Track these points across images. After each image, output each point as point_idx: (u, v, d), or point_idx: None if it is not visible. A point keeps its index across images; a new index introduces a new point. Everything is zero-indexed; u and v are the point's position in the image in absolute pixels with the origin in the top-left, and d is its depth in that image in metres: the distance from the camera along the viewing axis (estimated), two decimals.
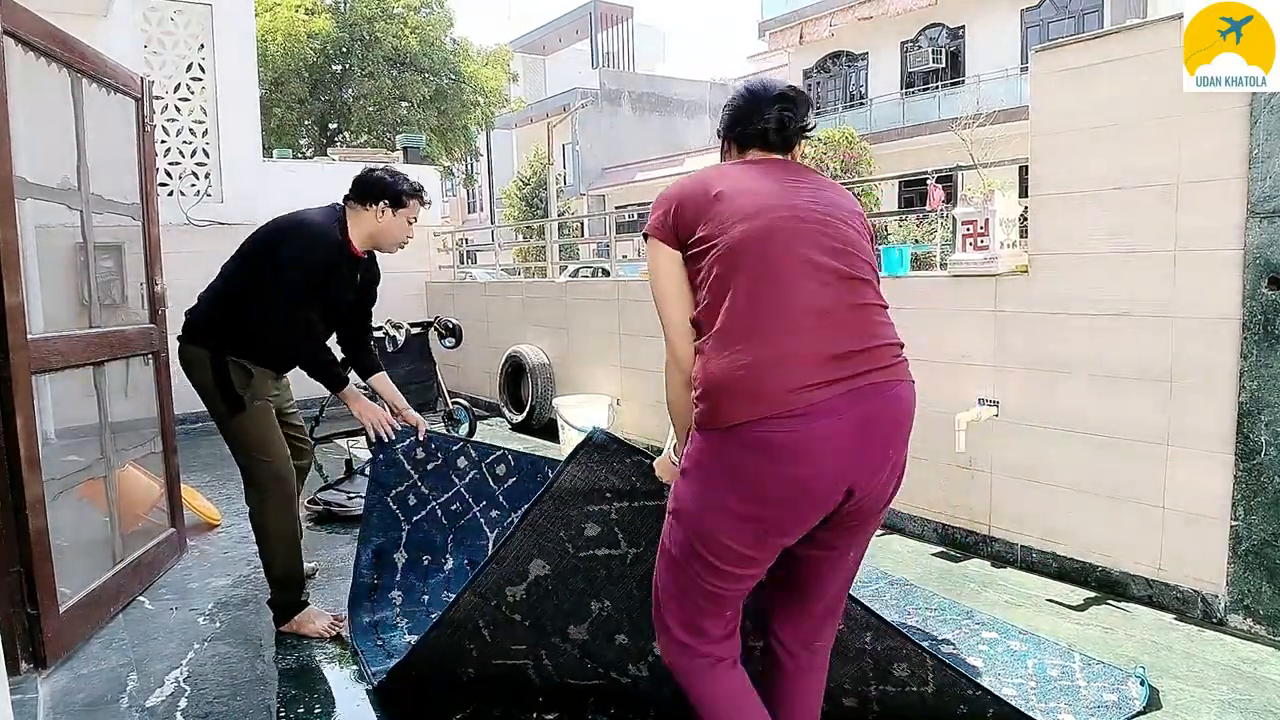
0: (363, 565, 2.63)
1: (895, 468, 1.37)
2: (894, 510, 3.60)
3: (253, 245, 2.60)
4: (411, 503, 2.69)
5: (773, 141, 1.54)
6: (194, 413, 6.38)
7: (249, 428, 2.54)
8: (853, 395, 1.26)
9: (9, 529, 2.36)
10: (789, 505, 1.28)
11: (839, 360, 1.27)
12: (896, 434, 1.35)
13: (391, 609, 2.60)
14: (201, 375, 2.53)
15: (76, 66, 2.78)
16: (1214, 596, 2.59)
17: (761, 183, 1.44)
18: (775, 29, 19.89)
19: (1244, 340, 2.47)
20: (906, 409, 1.36)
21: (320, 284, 2.53)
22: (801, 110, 1.55)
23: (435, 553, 2.71)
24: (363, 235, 2.62)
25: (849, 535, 1.42)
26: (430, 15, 17.06)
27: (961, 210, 3.28)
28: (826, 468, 1.26)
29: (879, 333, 1.35)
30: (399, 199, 2.59)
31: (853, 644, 1.82)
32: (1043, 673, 2.28)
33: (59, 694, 2.33)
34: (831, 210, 1.42)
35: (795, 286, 1.30)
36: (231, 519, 3.97)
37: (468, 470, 2.75)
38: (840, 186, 1.57)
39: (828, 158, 9.99)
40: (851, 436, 1.26)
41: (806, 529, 1.34)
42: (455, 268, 8.06)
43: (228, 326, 2.53)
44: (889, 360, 1.34)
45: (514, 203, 22.81)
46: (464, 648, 2.02)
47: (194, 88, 6.65)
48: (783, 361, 1.26)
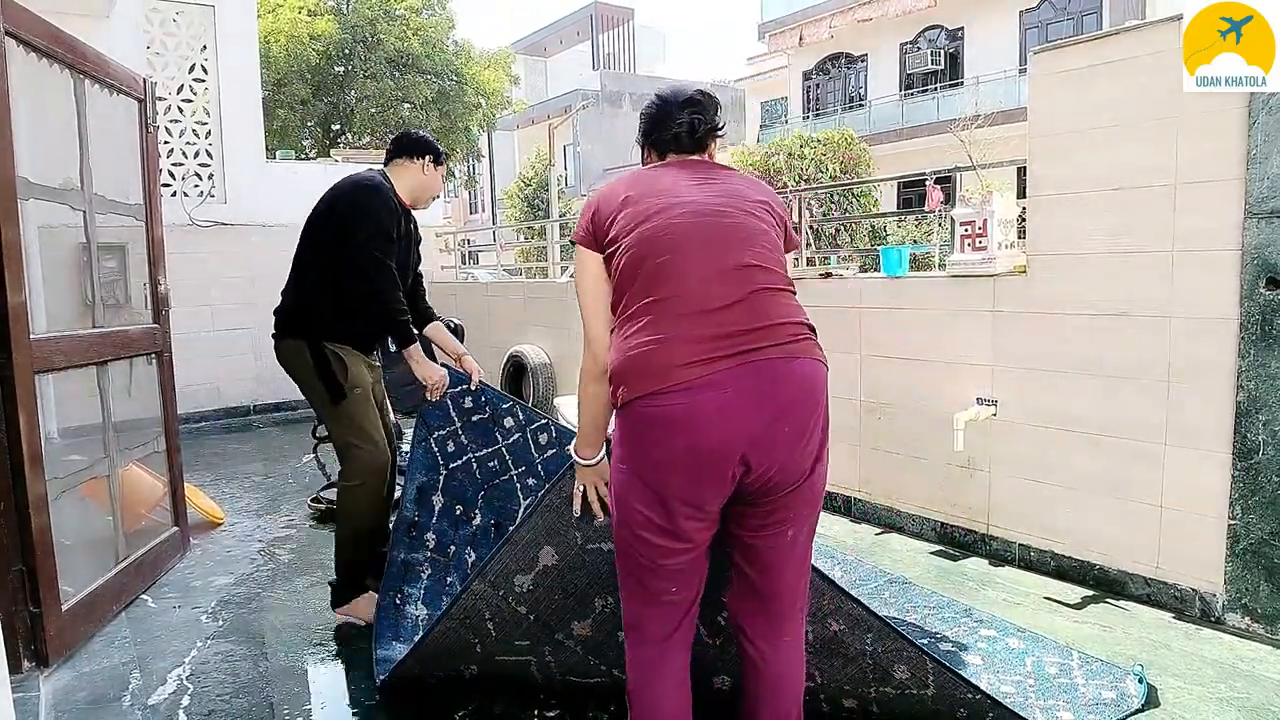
0: (407, 498, 2.64)
1: (795, 441, 1.40)
2: (893, 509, 3.61)
3: (315, 225, 2.65)
4: (450, 449, 2.71)
5: (685, 144, 1.66)
6: (197, 412, 6.53)
7: (350, 414, 2.61)
8: (739, 369, 1.36)
9: (11, 527, 2.37)
10: (682, 471, 1.38)
11: (725, 339, 1.37)
12: (790, 407, 1.39)
13: (424, 550, 2.60)
14: (301, 366, 2.60)
15: (79, 68, 2.80)
16: (1212, 595, 2.60)
17: (666, 183, 1.55)
18: (775, 30, 19.92)
19: (1242, 340, 2.48)
20: (803, 384, 1.41)
21: (398, 232, 2.62)
22: (710, 113, 1.66)
23: (466, 505, 2.72)
24: (407, 188, 2.73)
25: (775, 514, 1.46)
26: (432, 17, 17.07)
27: (960, 211, 3.29)
28: (712, 437, 1.35)
29: (773, 313, 1.43)
30: (440, 155, 2.81)
31: (854, 645, 1.83)
32: (1041, 670, 2.29)
33: (61, 692, 2.34)
34: (733, 201, 1.53)
35: (687, 275, 1.42)
36: (234, 517, 3.99)
37: (513, 431, 2.77)
38: (751, 179, 1.66)
39: (827, 159, 9.99)
40: (736, 408, 1.35)
41: (710, 500, 1.41)
42: (457, 268, 8.09)
43: (317, 311, 2.59)
44: (784, 338, 1.41)
45: (515, 203, 22.83)
46: (469, 642, 2.03)
47: (196, 88, 6.66)
48: (671, 341, 1.38)
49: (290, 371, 2.65)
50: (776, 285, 1.47)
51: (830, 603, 1.78)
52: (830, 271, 4.08)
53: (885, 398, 3.60)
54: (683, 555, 1.47)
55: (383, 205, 2.58)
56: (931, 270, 4.42)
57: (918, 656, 1.81)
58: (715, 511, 1.45)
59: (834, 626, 1.81)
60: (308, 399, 2.67)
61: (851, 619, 1.79)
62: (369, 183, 2.62)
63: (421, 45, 16.46)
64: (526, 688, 2.18)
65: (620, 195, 1.56)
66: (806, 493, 1.46)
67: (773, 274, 1.48)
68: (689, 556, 1.48)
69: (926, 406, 3.41)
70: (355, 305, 2.57)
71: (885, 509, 3.66)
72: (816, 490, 1.49)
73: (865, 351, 3.67)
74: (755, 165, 9.75)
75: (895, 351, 3.54)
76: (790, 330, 1.44)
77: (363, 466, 2.61)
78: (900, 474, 3.58)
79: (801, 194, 5.35)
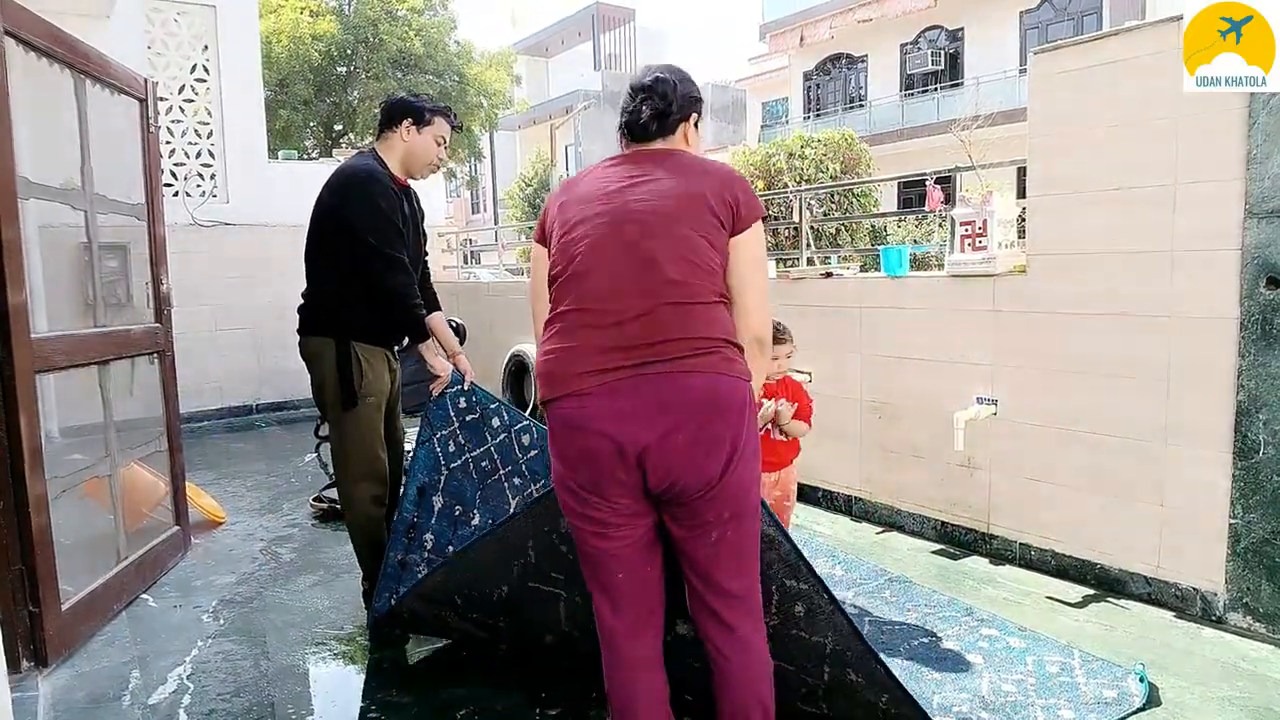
0: (407, 500, 2.65)
1: (691, 451, 1.44)
2: (893, 508, 3.61)
3: (317, 223, 2.59)
4: (451, 449, 2.71)
5: (639, 134, 1.64)
6: (200, 411, 6.54)
7: (355, 425, 2.59)
8: (635, 381, 1.43)
9: (10, 527, 2.37)
10: (584, 466, 1.48)
11: (626, 350, 1.45)
12: (685, 420, 1.43)
13: (421, 552, 2.60)
14: (324, 367, 2.56)
15: (79, 68, 2.80)
16: (1213, 594, 2.60)
17: (593, 189, 1.57)
18: (776, 31, 19.93)
19: (1242, 339, 2.48)
20: (701, 398, 1.45)
21: (398, 214, 2.53)
22: (663, 99, 1.62)
23: (465, 505, 2.73)
24: (396, 161, 2.62)
25: (694, 516, 1.50)
26: (434, 18, 17.10)
27: (960, 211, 3.29)
28: (603, 441, 1.44)
29: (677, 327, 1.46)
30: (421, 115, 2.60)
31: (866, 695, 1.81)
32: (1042, 669, 2.29)
33: (60, 691, 2.34)
34: (661, 205, 1.51)
35: (596, 288, 1.49)
36: (236, 516, 3.99)
37: (499, 431, 2.79)
38: (700, 166, 1.59)
39: (828, 159, 9.99)
40: (629, 416, 1.43)
41: (612, 494, 1.49)
42: (459, 268, 8.09)
43: (331, 307, 2.56)
44: (685, 352, 1.45)
45: (517, 204, 22.82)
46: (510, 564, 2.04)
47: (198, 89, 6.68)
48: (574, 351, 1.48)
49: (312, 369, 2.63)
50: (687, 299, 1.47)
51: (854, 656, 1.77)
52: (831, 271, 4.08)
53: (886, 397, 3.60)
54: (609, 541, 1.54)
55: (379, 191, 2.48)
56: (932, 270, 4.42)
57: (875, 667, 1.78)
58: (626, 505, 1.51)
59: (852, 677, 1.81)
60: (317, 399, 2.65)
61: (872, 678, 1.77)
62: (358, 171, 2.52)
63: (423, 45, 16.48)
64: (529, 687, 2.18)
65: (559, 199, 1.63)
66: (721, 498, 1.48)
67: (685, 287, 1.47)
68: (618, 544, 1.54)
69: (927, 406, 3.40)
70: (369, 300, 2.53)
71: (886, 508, 3.66)
72: (732, 495, 1.50)
73: (866, 351, 3.67)
74: (756, 165, 9.74)
75: (896, 351, 3.54)
76: (694, 345, 1.46)
77: (354, 474, 2.63)
78: (901, 473, 3.57)
79: (802, 194, 5.34)
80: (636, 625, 1.60)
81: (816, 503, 3.93)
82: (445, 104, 2.68)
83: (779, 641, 1.78)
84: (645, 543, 1.57)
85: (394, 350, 2.74)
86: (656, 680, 1.62)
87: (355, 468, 2.62)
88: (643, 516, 1.54)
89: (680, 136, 1.67)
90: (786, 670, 1.83)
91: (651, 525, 1.56)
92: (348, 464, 2.63)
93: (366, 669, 2.47)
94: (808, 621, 1.78)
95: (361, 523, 2.66)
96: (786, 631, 1.80)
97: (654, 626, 1.63)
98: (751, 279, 1.58)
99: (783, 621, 1.80)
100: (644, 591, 1.60)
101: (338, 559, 3.34)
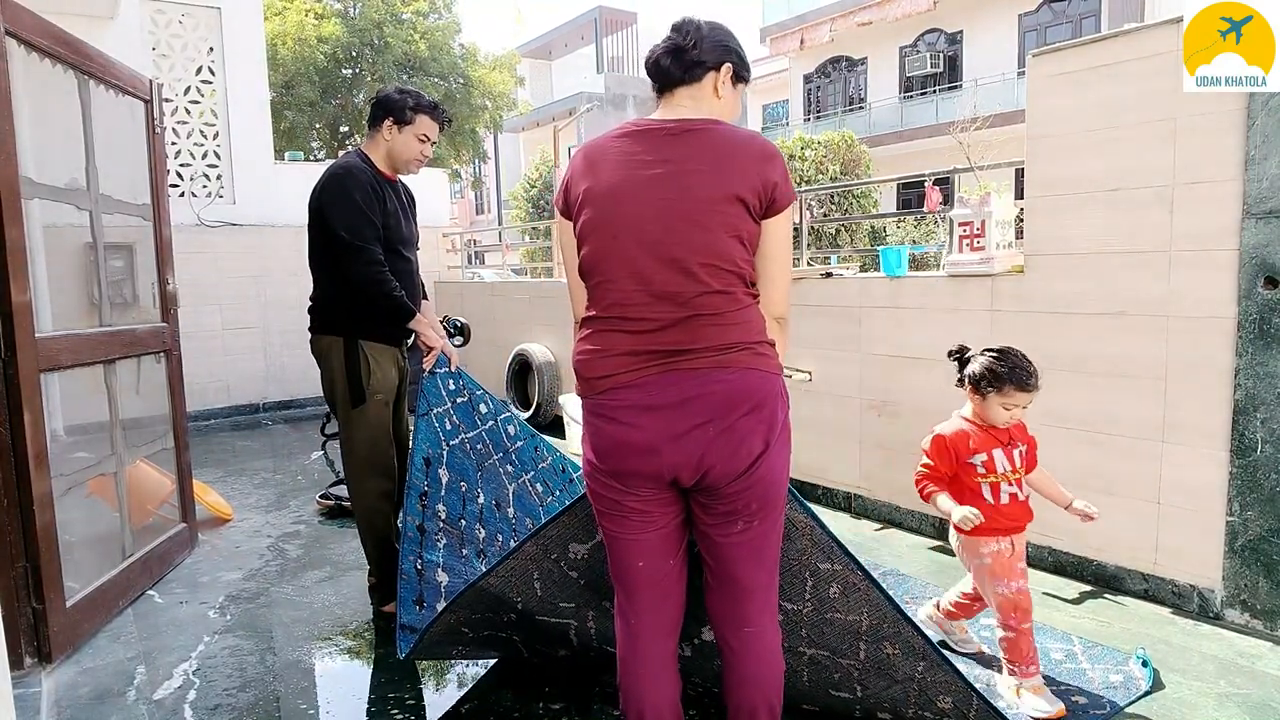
0: (415, 470, 2.63)
1: (723, 442, 1.45)
2: (893, 505, 3.63)
3: (309, 226, 2.63)
4: (448, 427, 2.72)
5: (659, 76, 1.59)
6: (206, 410, 6.57)
7: (363, 422, 2.63)
8: (666, 376, 1.46)
9: (15, 524, 2.39)
10: (615, 458, 1.51)
11: (650, 355, 1.47)
12: (718, 411, 1.44)
13: (436, 521, 2.60)
14: (333, 364, 2.60)
15: (83, 69, 2.82)
16: (1210, 591, 2.61)
17: (620, 177, 1.49)
18: (776, 34, 19.97)
19: (1239, 339, 2.50)
20: (733, 389, 1.45)
21: (378, 208, 2.54)
22: (683, 36, 1.56)
23: (469, 482, 2.73)
24: (381, 157, 2.65)
25: (721, 504, 1.51)
26: (439, 21, 17.16)
27: (958, 212, 3.31)
28: (635, 434, 1.47)
29: (702, 339, 1.46)
30: (403, 114, 2.60)
31: (903, 669, 1.82)
32: (1046, 658, 2.32)
33: (64, 687, 2.35)
34: (691, 211, 1.45)
35: (626, 296, 1.49)
36: (243, 514, 4.01)
37: (487, 418, 2.81)
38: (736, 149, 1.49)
39: (828, 160, 10.02)
40: (660, 408, 1.46)
41: (641, 484, 1.51)
42: (463, 268, 8.11)
43: (342, 305, 2.58)
44: (716, 351, 1.46)
45: (521, 204, 22.82)
46: (511, 601, 2.01)
47: (204, 90, 6.71)
48: (605, 353, 1.51)
49: (322, 366, 2.67)
50: (719, 309, 1.46)
51: (890, 627, 1.78)
52: (831, 271, 4.10)
53: (885, 396, 3.62)
54: (632, 528, 1.56)
55: (355, 186, 2.51)
56: (931, 270, 4.43)
57: (965, 692, 1.79)
58: (653, 494, 1.53)
59: (888, 649, 1.81)
60: (327, 396, 2.69)
61: (909, 646, 1.78)
62: (336, 170, 2.56)
63: (428, 48, 16.55)
64: (532, 682, 2.20)
65: (582, 185, 1.54)
66: (752, 488, 1.49)
67: (718, 297, 1.46)
68: (641, 533, 1.56)
69: (926, 404, 3.42)
70: (356, 295, 2.56)
71: (886, 505, 3.67)
72: (763, 486, 1.50)
73: (865, 350, 3.68)
74: None
75: (895, 350, 3.56)
76: (726, 346, 1.47)
77: (357, 470, 2.67)
78: (900, 471, 3.59)
79: (802, 195, 5.37)
80: (653, 621, 1.60)
81: (816, 500, 3.94)
82: (433, 100, 2.70)
83: (815, 628, 1.80)
84: (668, 534, 1.58)
85: (403, 349, 2.77)
86: (669, 680, 1.62)
87: (363, 463, 2.66)
88: (669, 506, 1.55)
89: (709, 88, 1.57)
90: (820, 657, 1.85)
91: (677, 517, 1.57)
92: (356, 459, 2.67)
93: (372, 664, 2.49)
94: (843, 601, 1.78)
95: (369, 517, 2.69)
96: (821, 616, 1.81)
97: (671, 625, 1.62)
98: (778, 258, 1.57)
99: (817, 606, 1.80)
100: (663, 584, 1.59)
101: (344, 555, 3.37)
